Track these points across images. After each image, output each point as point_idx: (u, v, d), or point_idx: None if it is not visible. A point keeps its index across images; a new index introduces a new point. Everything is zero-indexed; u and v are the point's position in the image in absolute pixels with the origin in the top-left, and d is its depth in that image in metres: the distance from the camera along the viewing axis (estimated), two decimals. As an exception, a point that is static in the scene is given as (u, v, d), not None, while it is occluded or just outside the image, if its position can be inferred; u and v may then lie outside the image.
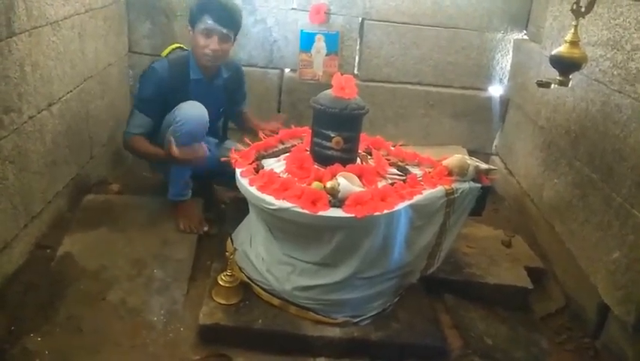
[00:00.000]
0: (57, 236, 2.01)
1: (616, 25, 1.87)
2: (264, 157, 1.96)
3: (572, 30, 1.72)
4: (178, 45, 2.31)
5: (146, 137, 2.15)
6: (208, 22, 2.07)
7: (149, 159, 2.29)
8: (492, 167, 1.97)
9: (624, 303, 1.68)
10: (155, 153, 2.13)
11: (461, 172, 1.83)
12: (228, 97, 2.35)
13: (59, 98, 2.09)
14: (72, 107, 2.21)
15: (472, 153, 2.91)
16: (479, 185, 1.85)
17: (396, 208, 1.67)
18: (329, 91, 1.81)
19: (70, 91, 2.19)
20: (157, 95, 2.12)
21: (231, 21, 2.12)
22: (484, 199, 1.89)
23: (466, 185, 1.83)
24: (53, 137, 2.04)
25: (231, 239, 2.01)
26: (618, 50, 1.85)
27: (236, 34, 2.19)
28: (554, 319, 2.01)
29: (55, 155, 2.07)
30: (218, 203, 2.41)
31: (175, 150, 1.95)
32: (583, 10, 1.71)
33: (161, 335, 1.68)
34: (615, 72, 1.86)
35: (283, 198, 1.64)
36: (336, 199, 1.66)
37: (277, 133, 2.14)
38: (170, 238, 2.08)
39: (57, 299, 1.73)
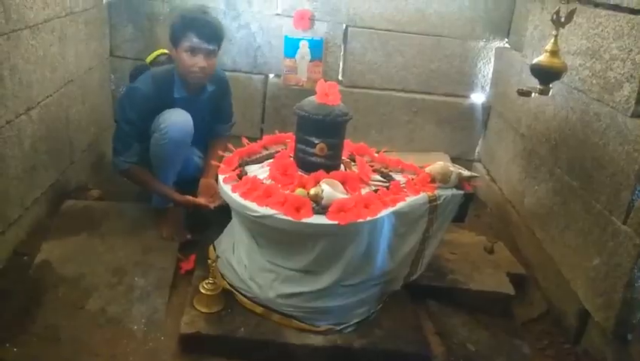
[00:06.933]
0: (35, 243, 1.97)
1: (595, 35, 1.90)
2: (248, 163, 1.95)
3: (552, 40, 1.74)
4: (162, 51, 2.28)
5: (141, 161, 2.09)
6: (193, 40, 2.00)
7: (149, 190, 2.20)
8: (474, 174, 1.98)
9: (604, 309, 1.70)
10: (159, 190, 2.12)
11: (444, 179, 1.84)
12: (213, 108, 2.30)
13: (38, 103, 2.05)
14: (52, 112, 2.17)
15: (455, 159, 2.94)
16: (462, 192, 1.86)
17: (379, 215, 1.67)
18: (313, 97, 1.81)
19: (50, 95, 2.15)
20: (144, 114, 2.05)
21: (215, 36, 2.06)
22: (467, 206, 1.90)
23: (448, 192, 1.84)
24: (32, 142, 2.01)
25: (214, 246, 1.99)
26: (597, 60, 1.88)
27: (220, 47, 2.14)
28: (536, 325, 2.03)
29: (34, 160, 2.04)
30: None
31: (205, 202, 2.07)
32: (563, 20, 1.74)
33: (141, 345, 1.65)
34: (594, 81, 1.89)
35: (266, 205, 1.63)
36: (319, 206, 1.65)
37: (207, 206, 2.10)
38: (152, 246, 2.05)
39: (34, 308, 1.69)
